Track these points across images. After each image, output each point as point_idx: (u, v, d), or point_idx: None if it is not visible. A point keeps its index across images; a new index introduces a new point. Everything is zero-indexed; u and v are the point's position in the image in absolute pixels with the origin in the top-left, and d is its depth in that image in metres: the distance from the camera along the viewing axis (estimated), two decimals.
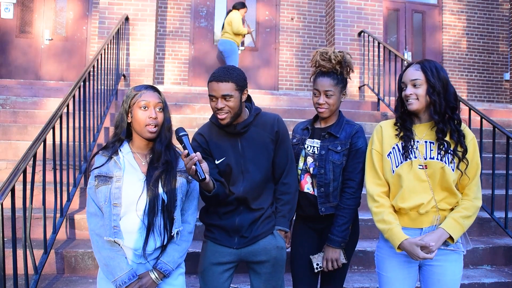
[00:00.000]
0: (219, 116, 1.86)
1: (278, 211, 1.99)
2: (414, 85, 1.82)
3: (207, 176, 1.66)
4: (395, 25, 8.11)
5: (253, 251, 1.93)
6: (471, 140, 1.83)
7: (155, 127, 1.71)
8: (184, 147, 1.63)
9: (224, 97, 1.82)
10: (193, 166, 1.60)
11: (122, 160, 1.72)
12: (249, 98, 2.01)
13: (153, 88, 1.76)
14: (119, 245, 1.66)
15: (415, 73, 1.82)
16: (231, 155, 1.92)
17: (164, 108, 1.76)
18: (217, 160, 1.93)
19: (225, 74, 1.83)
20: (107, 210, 1.65)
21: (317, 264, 2.05)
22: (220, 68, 1.88)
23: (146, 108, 1.70)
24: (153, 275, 1.67)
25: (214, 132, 1.97)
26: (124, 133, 1.75)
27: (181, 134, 1.65)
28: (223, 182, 1.91)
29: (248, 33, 6.75)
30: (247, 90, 1.92)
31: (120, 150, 1.74)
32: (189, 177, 1.76)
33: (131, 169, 1.72)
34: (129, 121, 1.75)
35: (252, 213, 1.93)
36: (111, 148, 1.74)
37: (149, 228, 1.66)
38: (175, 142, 1.80)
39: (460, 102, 1.93)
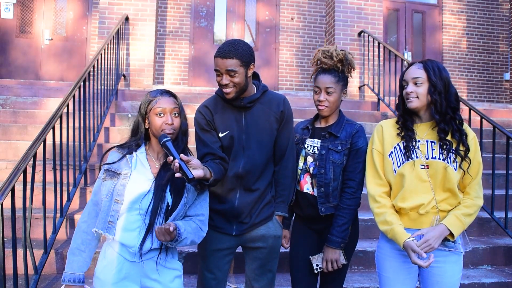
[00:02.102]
0: (224, 91, 1.87)
1: (278, 196, 2.01)
2: (415, 83, 1.82)
3: (199, 172, 1.63)
4: (395, 25, 8.11)
5: (251, 238, 1.96)
6: (472, 139, 1.83)
7: (172, 130, 1.73)
8: (170, 153, 1.63)
9: (229, 72, 1.82)
10: (178, 174, 1.58)
11: (135, 159, 1.74)
12: (257, 76, 2.02)
13: (168, 93, 1.78)
14: (99, 239, 1.72)
15: (417, 72, 1.82)
16: (235, 129, 1.93)
17: (180, 112, 1.78)
18: (221, 133, 1.94)
19: (229, 50, 1.81)
20: (107, 204, 1.67)
21: (317, 265, 2.05)
22: (226, 42, 1.86)
23: (162, 115, 1.72)
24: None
25: (220, 105, 1.97)
26: (143, 139, 1.79)
27: (164, 140, 1.66)
28: (224, 158, 1.90)
29: None
30: (253, 65, 1.90)
31: (135, 150, 1.77)
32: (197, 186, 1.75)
33: (142, 168, 1.73)
34: (146, 127, 1.78)
35: (250, 194, 1.93)
36: (127, 148, 1.77)
37: (149, 228, 1.66)
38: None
39: (460, 102, 1.93)
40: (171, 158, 1.59)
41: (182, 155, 1.60)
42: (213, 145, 1.91)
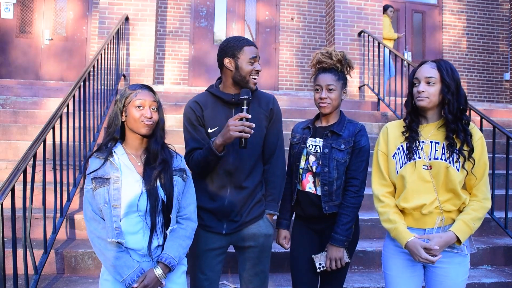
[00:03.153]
0: (257, 79, 1.97)
1: (268, 194, 2.03)
2: (428, 83, 1.80)
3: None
4: (395, 25, 8.10)
5: (242, 237, 1.97)
6: (479, 139, 1.81)
7: (150, 122, 1.71)
8: (247, 110, 1.78)
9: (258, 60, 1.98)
10: (247, 134, 1.74)
11: (118, 161, 1.71)
12: None
13: (147, 88, 1.76)
14: (122, 245, 1.65)
15: (431, 71, 1.81)
16: (224, 125, 1.92)
17: (159, 108, 1.76)
18: (210, 129, 1.96)
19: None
20: (108, 212, 1.63)
21: (320, 264, 2.05)
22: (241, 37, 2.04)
23: (141, 108, 1.70)
24: (158, 271, 1.64)
25: (210, 101, 2.00)
26: (118, 132, 1.74)
27: (248, 96, 1.81)
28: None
29: (398, 38, 7.05)
30: None
31: (115, 151, 1.73)
32: (219, 152, 1.83)
33: (127, 170, 1.71)
34: (123, 120, 1.74)
35: (241, 192, 1.95)
36: (105, 150, 1.72)
37: (152, 228, 1.67)
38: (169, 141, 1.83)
39: None
40: (247, 115, 1.77)
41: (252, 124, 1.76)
42: (203, 141, 1.94)
